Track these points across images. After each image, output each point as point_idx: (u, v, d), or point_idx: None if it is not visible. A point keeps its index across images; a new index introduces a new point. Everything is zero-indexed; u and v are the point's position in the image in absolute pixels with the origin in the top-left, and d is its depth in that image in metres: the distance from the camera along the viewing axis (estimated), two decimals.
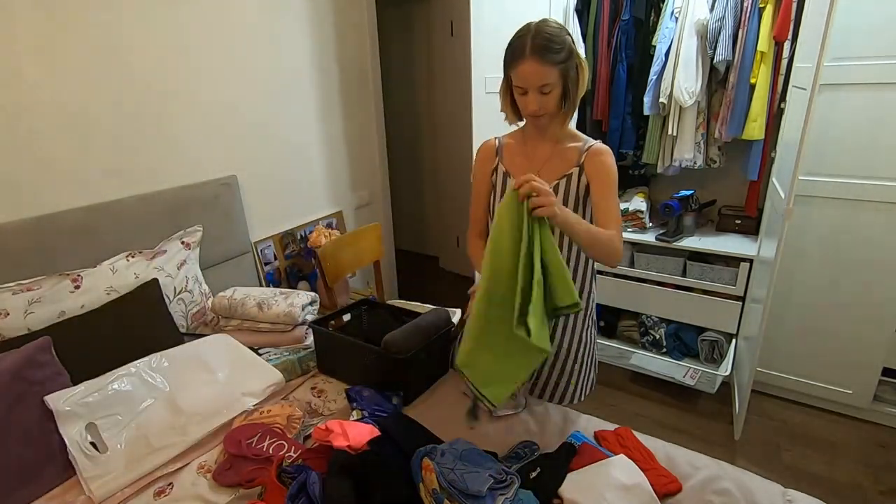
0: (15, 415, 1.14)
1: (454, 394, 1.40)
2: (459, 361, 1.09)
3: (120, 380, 1.30)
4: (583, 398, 1.44)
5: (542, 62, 1.09)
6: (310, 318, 1.75)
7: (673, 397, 2.33)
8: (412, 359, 1.34)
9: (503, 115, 1.27)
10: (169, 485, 1.12)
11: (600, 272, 2.53)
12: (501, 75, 1.21)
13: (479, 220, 1.39)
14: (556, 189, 1.23)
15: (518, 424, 1.27)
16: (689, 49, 2.08)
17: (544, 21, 1.13)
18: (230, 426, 1.26)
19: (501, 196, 1.29)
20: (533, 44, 1.09)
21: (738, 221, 2.35)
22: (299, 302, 1.69)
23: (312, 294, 1.77)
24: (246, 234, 2.14)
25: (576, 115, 2.44)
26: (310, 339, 1.72)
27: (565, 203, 1.24)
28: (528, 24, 1.13)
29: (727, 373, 2.14)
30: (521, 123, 1.28)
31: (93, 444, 1.18)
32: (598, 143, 1.25)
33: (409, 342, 1.36)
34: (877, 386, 2.06)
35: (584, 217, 1.26)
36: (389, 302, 2.20)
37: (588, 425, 1.26)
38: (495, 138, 1.35)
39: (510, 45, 1.14)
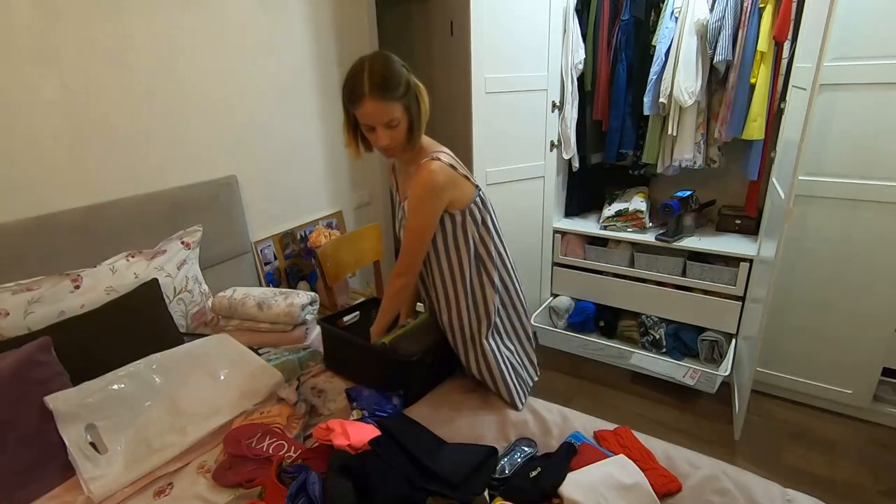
0: (15, 415, 1.14)
1: (455, 394, 1.41)
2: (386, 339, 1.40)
3: (120, 380, 1.30)
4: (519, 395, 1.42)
5: (383, 100, 1.14)
6: (310, 318, 1.75)
7: (673, 397, 2.32)
8: (418, 361, 1.34)
9: (502, 115, 1.29)
10: (169, 485, 1.12)
11: (601, 272, 2.54)
12: (501, 75, 1.21)
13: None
14: (404, 207, 1.33)
15: (518, 423, 1.27)
16: (688, 49, 2.09)
17: (377, 56, 1.18)
18: (230, 426, 1.26)
19: (394, 208, 1.47)
20: (371, 83, 1.13)
21: (738, 221, 2.35)
22: (299, 302, 1.69)
23: (312, 294, 1.77)
24: (246, 234, 2.13)
25: (576, 115, 2.47)
26: (310, 339, 1.73)
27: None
28: (362, 61, 1.16)
29: (727, 373, 2.14)
30: (369, 154, 1.33)
31: (92, 444, 1.18)
32: (424, 162, 1.24)
33: (415, 344, 1.37)
34: (877, 386, 2.06)
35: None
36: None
37: (588, 425, 1.26)
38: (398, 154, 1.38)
39: (346, 84, 1.17)
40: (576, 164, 2.57)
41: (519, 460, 1.12)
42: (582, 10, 2.38)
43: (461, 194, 1.27)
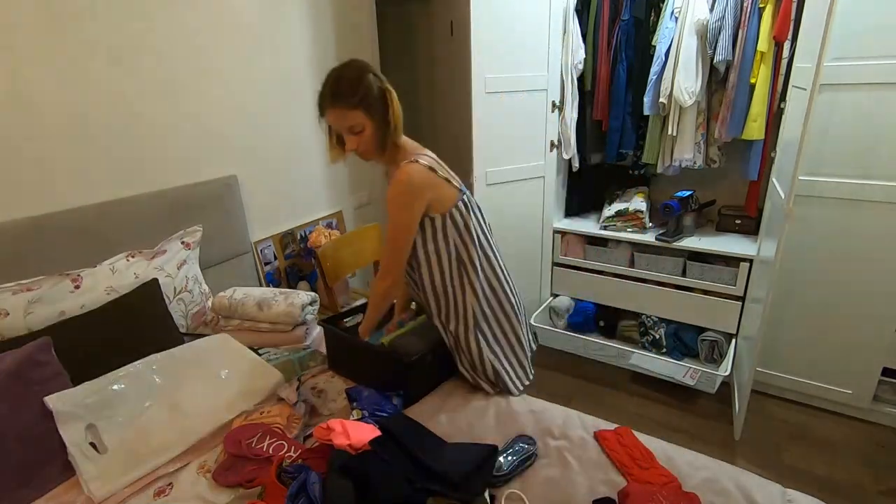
0: (15, 415, 1.14)
1: (455, 393, 1.41)
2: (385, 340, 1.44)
3: (120, 381, 1.30)
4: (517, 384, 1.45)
5: (340, 107, 1.20)
6: (310, 318, 1.75)
7: (673, 397, 2.32)
8: (418, 361, 1.34)
9: (502, 115, 1.29)
10: (169, 485, 1.12)
11: (600, 272, 2.54)
12: (501, 75, 1.22)
13: None
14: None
15: (518, 423, 1.27)
16: (689, 49, 2.09)
17: (340, 66, 1.24)
18: (230, 426, 1.26)
19: None
20: (329, 92, 1.20)
21: (738, 221, 2.35)
22: (299, 302, 1.69)
23: (312, 294, 1.77)
24: (246, 234, 2.13)
25: (576, 115, 2.47)
26: (310, 339, 1.73)
27: None
28: (331, 70, 1.24)
29: (727, 373, 2.14)
30: (346, 157, 1.36)
31: (93, 444, 1.18)
32: (403, 165, 1.26)
33: (415, 344, 1.38)
34: (877, 386, 2.06)
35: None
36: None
37: (588, 425, 1.26)
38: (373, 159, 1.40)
39: (320, 93, 1.24)
40: (576, 164, 2.57)
41: (517, 458, 1.12)
42: (582, 10, 2.38)
43: (440, 197, 1.28)
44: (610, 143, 2.45)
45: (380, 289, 1.37)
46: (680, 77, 2.10)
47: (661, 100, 2.18)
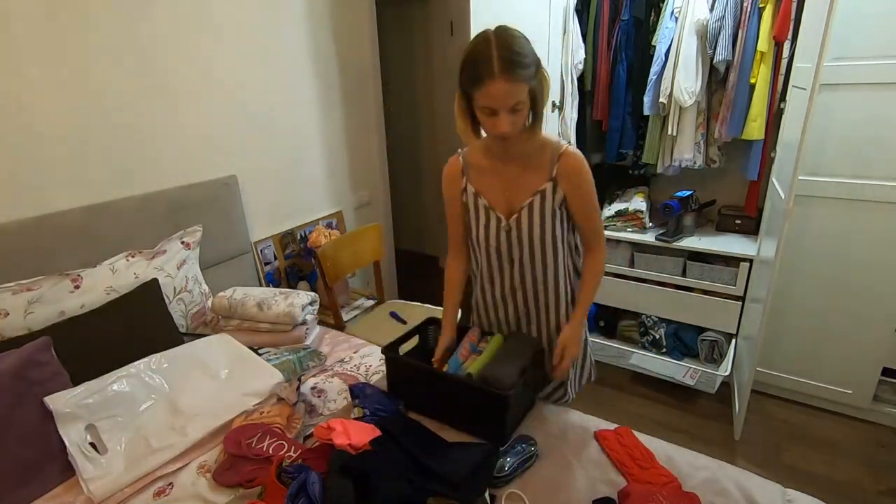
0: (15, 415, 1.14)
1: None
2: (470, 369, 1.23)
3: (120, 381, 1.30)
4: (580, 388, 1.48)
5: (514, 80, 0.98)
6: (310, 318, 1.75)
7: (673, 397, 2.32)
8: (512, 390, 1.13)
9: None
10: (169, 485, 1.12)
11: None
12: None
13: (456, 241, 1.34)
14: (530, 206, 1.19)
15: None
16: (689, 49, 2.09)
17: (504, 29, 1.01)
18: (230, 426, 1.26)
19: (477, 215, 1.25)
20: (501, 60, 0.96)
21: (738, 221, 2.35)
22: (299, 302, 1.69)
23: (312, 294, 1.77)
24: (246, 234, 2.13)
25: (576, 115, 2.46)
26: (310, 339, 1.72)
27: (541, 217, 1.19)
28: (486, 38, 1.00)
29: (727, 373, 2.14)
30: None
31: (93, 444, 1.18)
32: (568, 150, 1.16)
33: (509, 372, 1.15)
34: (877, 386, 2.06)
35: (561, 220, 1.21)
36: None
37: (588, 425, 1.26)
38: (458, 156, 1.27)
39: (470, 61, 1.01)
40: None
41: (518, 459, 1.12)
42: (582, 10, 2.38)
43: None
44: (610, 143, 2.45)
45: (600, 264, 1.25)
46: (680, 77, 2.10)
47: (661, 100, 2.18)
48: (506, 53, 0.97)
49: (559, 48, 2.32)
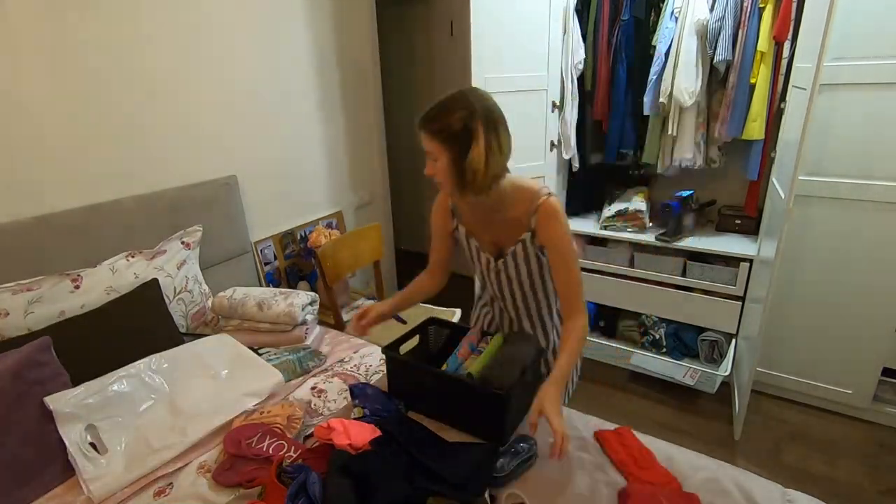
0: (15, 415, 1.14)
1: None
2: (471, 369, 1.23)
3: (120, 381, 1.30)
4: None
5: (426, 131, 1.09)
6: (310, 318, 1.75)
7: (673, 397, 2.32)
8: (510, 394, 1.13)
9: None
10: (169, 485, 1.12)
11: (600, 272, 2.54)
12: (501, 75, 1.20)
13: (436, 262, 1.42)
14: (514, 253, 1.25)
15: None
16: (689, 49, 2.08)
17: (469, 90, 1.12)
18: (230, 426, 1.26)
19: (470, 253, 1.34)
20: (428, 110, 1.10)
21: (738, 221, 2.35)
22: (299, 302, 1.69)
23: (312, 294, 1.77)
24: (246, 234, 2.14)
25: (576, 115, 2.46)
26: (310, 339, 1.72)
27: (527, 263, 1.26)
28: (460, 89, 1.12)
29: (727, 373, 2.14)
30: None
31: (93, 444, 1.18)
32: (545, 201, 1.16)
33: (509, 372, 1.16)
34: (877, 386, 2.06)
35: (539, 271, 1.27)
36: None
37: (588, 425, 1.26)
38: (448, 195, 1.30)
39: None
40: (576, 165, 2.57)
41: (518, 459, 1.12)
42: (582, 11, 2.38)
43: None
44: (610, 143, 2.45)
45: (582, 330, 1.19)
46: (680, 77, 2.10)
47: (661, 100, 2.18)
48: (433, 109, 1.09)
49: (559, 48, 2.32)
